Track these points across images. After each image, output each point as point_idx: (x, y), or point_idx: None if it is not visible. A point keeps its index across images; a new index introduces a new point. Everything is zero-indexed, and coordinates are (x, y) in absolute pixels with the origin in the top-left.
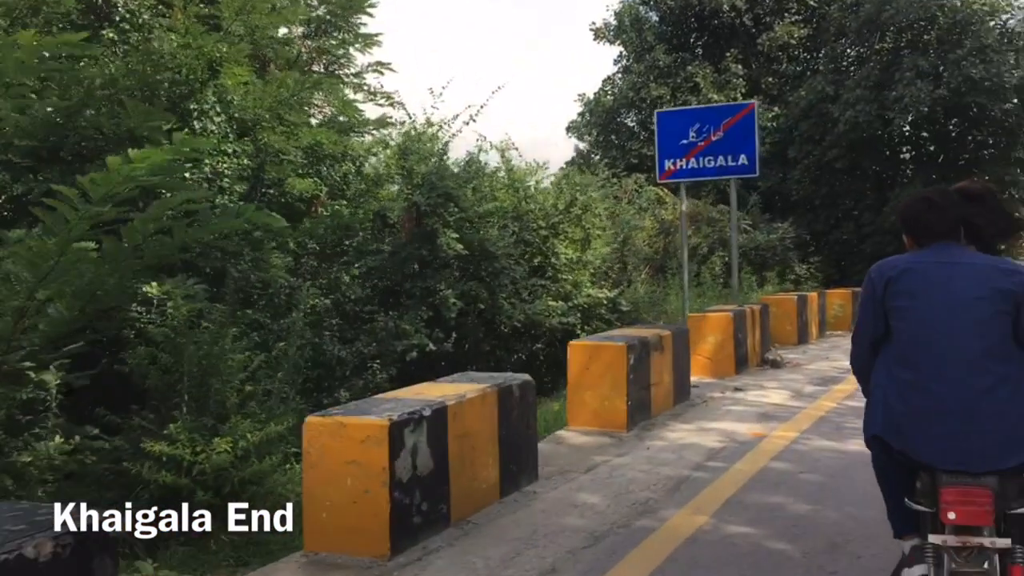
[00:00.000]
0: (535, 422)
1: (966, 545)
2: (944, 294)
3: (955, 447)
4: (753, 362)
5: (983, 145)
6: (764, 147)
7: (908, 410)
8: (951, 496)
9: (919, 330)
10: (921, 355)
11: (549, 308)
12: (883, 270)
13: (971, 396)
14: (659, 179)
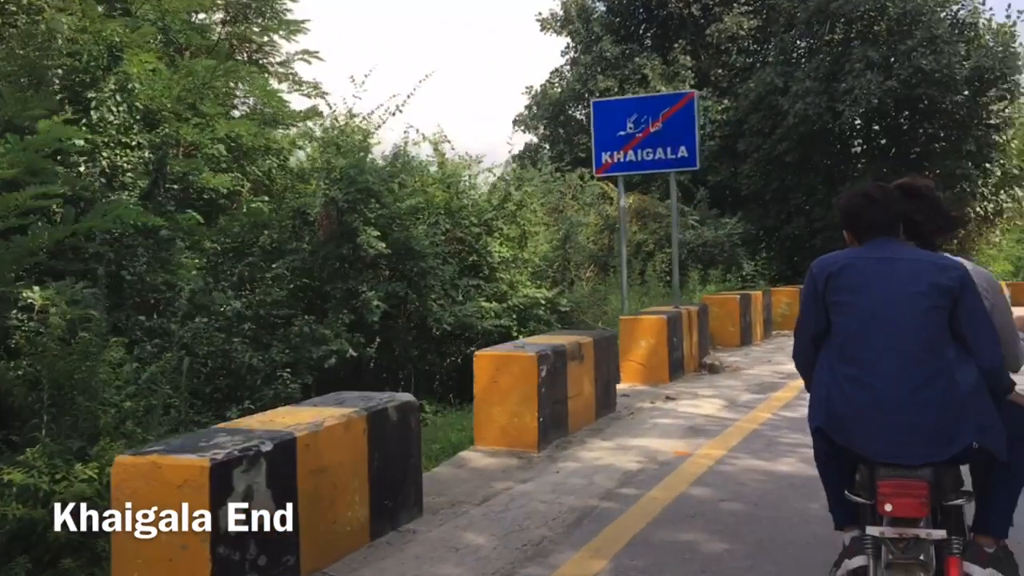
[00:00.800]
0: (418, 448)
1: (903, 536)
2: (883, 289)
3: (892, 440)
4: (690, 367)
5: (934, 138)
6: (714, 141)
7: (848, 404)
8: (888, 488)
9: (859, 325)
10: (861, 349)
11: (482, 309)
12: (824, 265)
13: (908, 390)
14: (596, 173)
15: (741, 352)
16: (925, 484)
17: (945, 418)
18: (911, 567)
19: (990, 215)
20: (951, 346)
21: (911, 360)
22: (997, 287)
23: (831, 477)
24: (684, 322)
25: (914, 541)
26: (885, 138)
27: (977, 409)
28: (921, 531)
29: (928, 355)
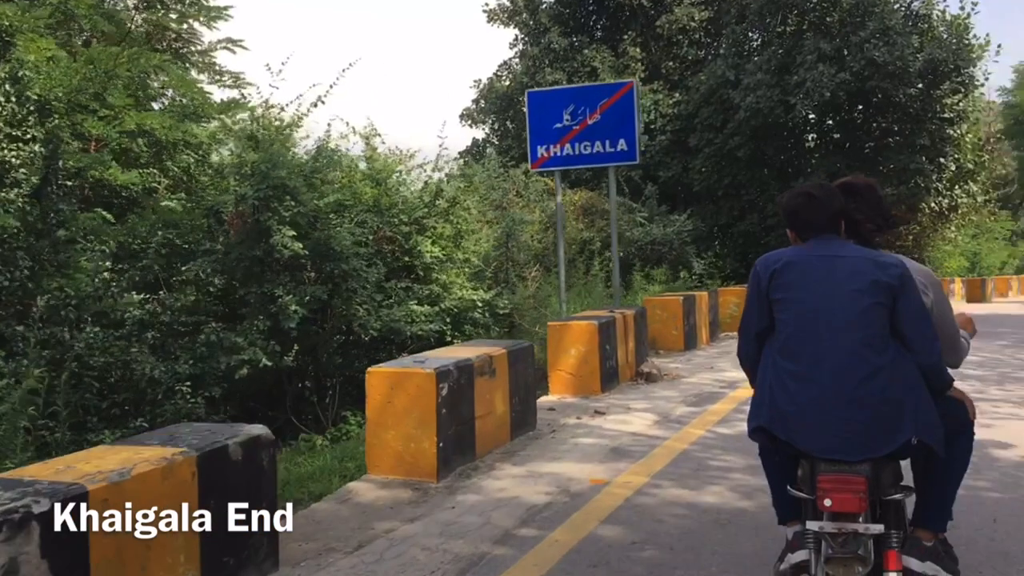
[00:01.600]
0: (273, 491)
1: (841, 531)
2: (825, 287)
3: (832, 436)
4: (626, 376)
5: (888, 132)
6: (665, 136)
7: (790, 400)
8: (827, 483)
9: (801, 322)
10: (803, 346)
11: (412, 313)
12: (767, 263)
13: (849, 386)
14: (531, 167)
15: (684, 357)
16: (863, 479)
17: (884, 414)
18: (849, 561)
19: (945, 210)
20: (891, 343)
21: (851, 357)
22: (937, 284)
23: (774, 473)
24: (619, 327)
25: (853, 535)
26: (839, 132)
27: (916, 405)
28: (859, 526)
29: (868, 352)
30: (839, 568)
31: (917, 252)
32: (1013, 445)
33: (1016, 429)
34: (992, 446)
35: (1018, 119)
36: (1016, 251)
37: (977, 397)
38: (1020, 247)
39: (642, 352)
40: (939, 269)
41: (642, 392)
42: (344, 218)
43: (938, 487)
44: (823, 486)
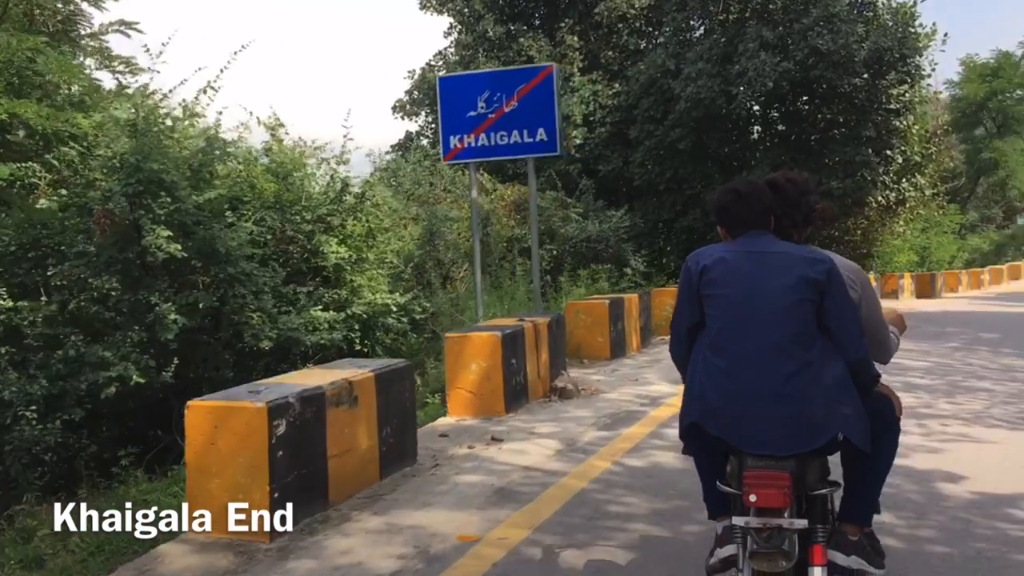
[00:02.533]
0: None
1: (767, 526)
2: (753, 283)
3: (760, 431)
4: (538, 392)
5: (833, 124)
6: (604, 128)
7: (720, 395)
8: (752, 479)
9: (730, 318)
10: (732, 342)
11: (314, 320)
12: (698, 259)
13: (776, 382)
14: (443, 159)
15: (609, 367)
16: (788, 475)
17: (811, 410)
18: (773, 556)
19: (892, 204)
20: (819, 339)
21: (779, 353)
22: (865, 280)
23: (705, 468)
24: (528, 338)
25: (777, 530)
26: (784, 124)
27: (843, 401)
28: (784, 521)
29: (796, 348)
30: (763, 562)
31: (865, 247)
32: (964, 477)
33: (968, 455)
34: (940, 478)
35: (965, 112)
36: (965, 244)
37: (925, 413)
38: (969, 240)
39: (558, 364)
40: (888, 264)
41: (552, 412)
42: (242, 216)
43: (864, 482)
44: (749, 482)
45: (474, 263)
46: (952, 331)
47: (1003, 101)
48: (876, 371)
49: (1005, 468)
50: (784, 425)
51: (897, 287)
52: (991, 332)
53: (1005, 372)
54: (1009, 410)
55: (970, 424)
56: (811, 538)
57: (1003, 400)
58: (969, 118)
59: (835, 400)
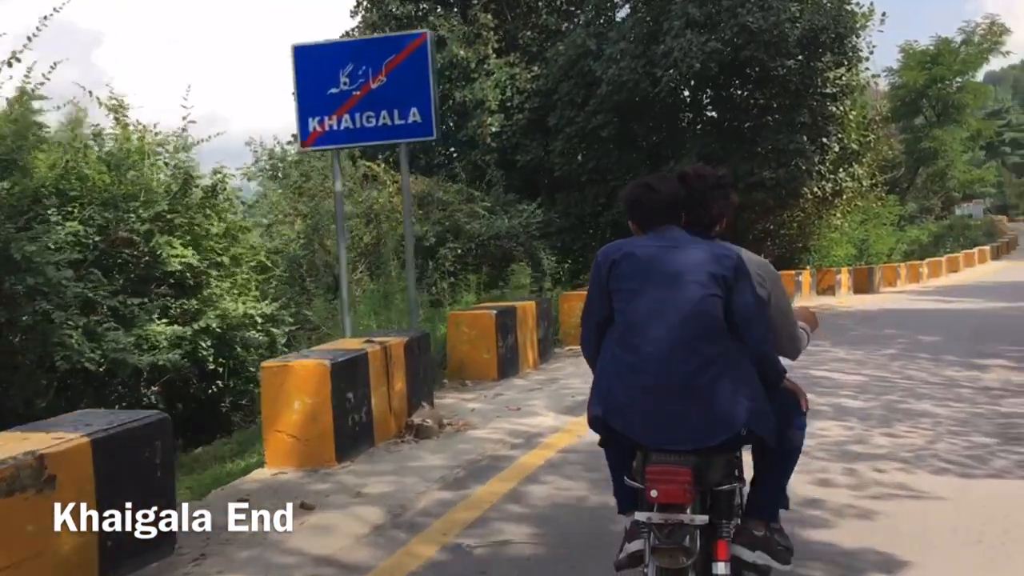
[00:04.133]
0: None
1: (668, 522)
2: (661, 278)
3: (664, 427)
4: (389, 431)
5: (767, 110)
6: (522, 114)
7: (626, 391)
8: (654, 474)
9: (637, 313)
10: (639, 337)
11: (151, 336)
12: (608, 253)
13: (681, 377)
14: (301, 146)
15: (493, 391)
16: (689, 471)
17: (715, 406)
18: (674, 552)
19: (829, 196)
20: (725, 334)
21: (684, 348)
22: (774, 277)
23: (613, 463)
24: (374, 365)
25: (678, 526)
26: (715, 110)
27: (748, 397)
28: (685, 517)
29: (702, 343)
30: (664, 558)
31: (801, 240)
32: (908, 563)
33: (911, 523)
34: (872, 567)
35: (904, 100)
36: (904, 236)
37: (857, 452)
38: (908, 232)
39: (419, 394)
40: (826, 258)
41: (398, 459)
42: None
43: (769, 478)
44: (650, 477)
45: (341, 271)
46: (890, 333)
47: (942, 89)
48: (782, 367)
49: (957, 546)
50: (687, 421)
51: (834, 282)
52: (931, 334)
53: (948, 388)
54: (956, 445)
55: (912, 468)
56: (716, 533)
57: (949, 430)
58: (908, 106)
59: (740, 396)
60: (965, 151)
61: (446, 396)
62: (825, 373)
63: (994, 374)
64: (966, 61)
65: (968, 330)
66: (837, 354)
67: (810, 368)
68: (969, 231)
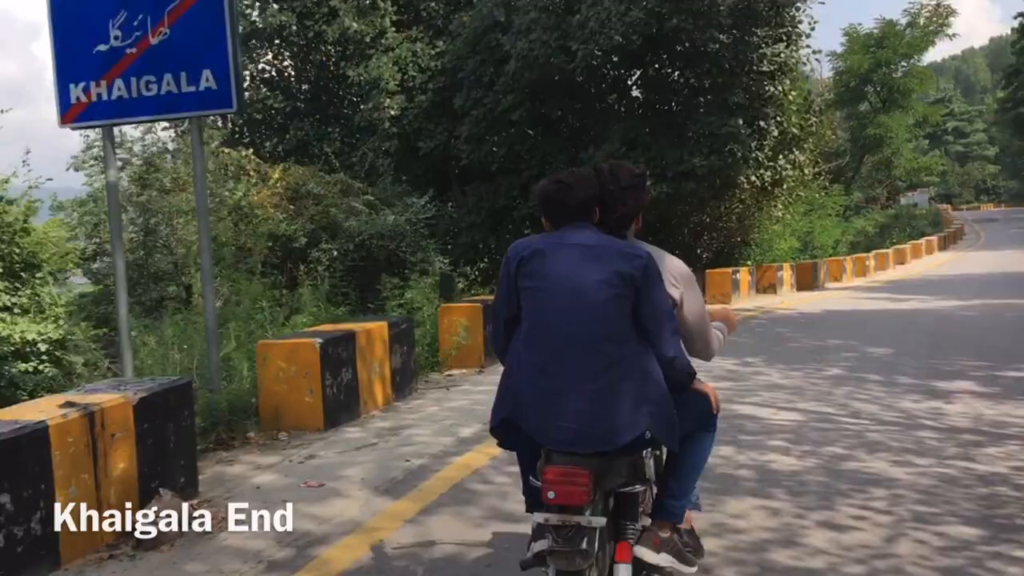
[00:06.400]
0: None
1: (566, 523)
2: (569, 276)
3: (565, 428)
4: (92, 542)
5: (698, 90)
6: (426, 95)
7: (531, 390)
8: (551, 476)
9: (543, 312)
10: (544, 337)
11: None
12: (517, 249)
13: (585, 378)
14: (61, 121)
15: (307, 450)
16: (587, 472)
17: (618, 408)
18: (570, 554)
19: (768, 185)
20: (632, 335)
21: (589, 349)
22: (688, 278)
23: (521, 463)
24: (61, 445)
25: (576, 528)
26: (641, 90)
27: (652, 399)
28: (582, 519)
29: (607, 344)
30: (561, 560)
31: (741, 234)
32: None
33: None
34: None
35: (849, 86)
36: (849, 227)
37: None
38: (854, 223)
39: (166, 472)
40: (768, 252)
41: None
42: None
43: (675, 480)
44: (548, 479)
45: (117, 290)
46: (834, 344)
47: (887, 73)
48: (692, 368)
49: None
50: (589, 422)
51: (775, 280)
52: (882, 345)
53: (906, 430)
54: (926, 547)
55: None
56: (619, 535)
57: (913, 512)
58: (853, 92)
59: (644, 399)
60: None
61: (237, 460)
62: (753, 409)
63: (960, 405)
64: (912, 44)
65: (923, 339)
66: (770, 377)
67: (736, 401)
68: (915, 221)
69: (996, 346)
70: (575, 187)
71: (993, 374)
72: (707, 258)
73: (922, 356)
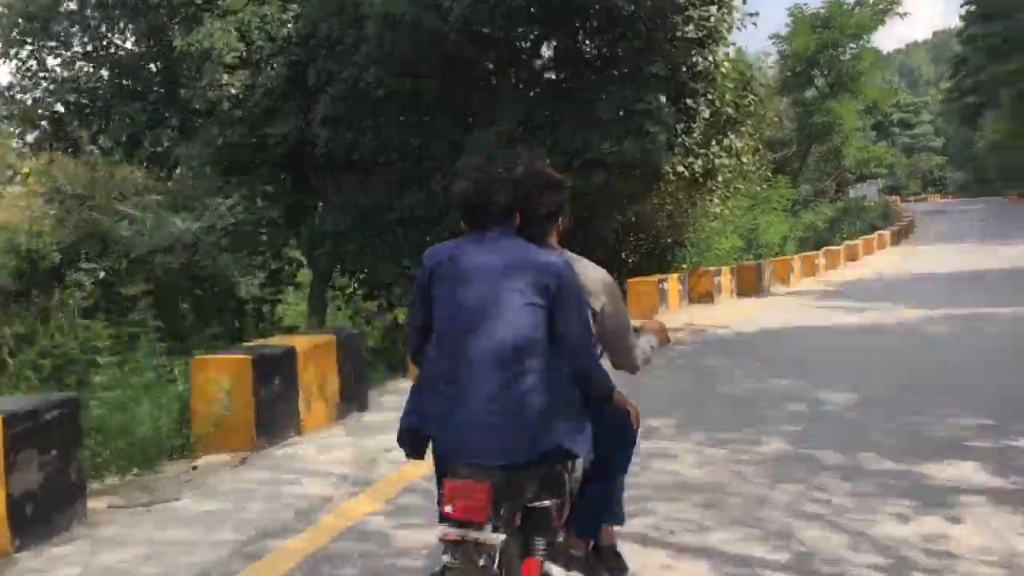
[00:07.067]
0: None
1: (463, 539)
2: (482, 284)
3: (471, 440)
4: None
5: (610, 60)
6: (276, 70)
7: (437, 401)
8: (449, 489)
9: (454, 321)
10: (454, 347)
11: None
12: (432, 255)
13: (491, 390)
14: None
15: None
16: (485, 487)
17: (527, 421)
18: (467, 570)
19: (699, 175)
20: (546, 347)
21: (500, 360)
22: (609, 287)
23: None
24: None
25: (473, 544)
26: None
27: (565, 413)
28: (480, 535)
29: (519, 355)
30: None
31: (672, 233)
32: None
33: None
34: None
35: (795, 70)
36: (798, 222)
37: None
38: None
39: None
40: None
41: None
42: None
43: (591, 495)
44: (446, 492)
45: None
46: (777, 388)
47: (835, 55)
48: (610, 383)
49: None
50: (495, 436)
51: (712, 286)
52: (839, 387)
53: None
54: None
55: None
56: (527, 552)
57: None
58: (799, 77)
59: (556, 412)
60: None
61: None
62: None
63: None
64: (860, 24)
65: (891, 376)
66: (679, 463)
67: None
68: (864, 213)
69: (991, 385)
70: (493, 188)
71: (1004, 443)
72: (633, 263)
73: (895, 409)
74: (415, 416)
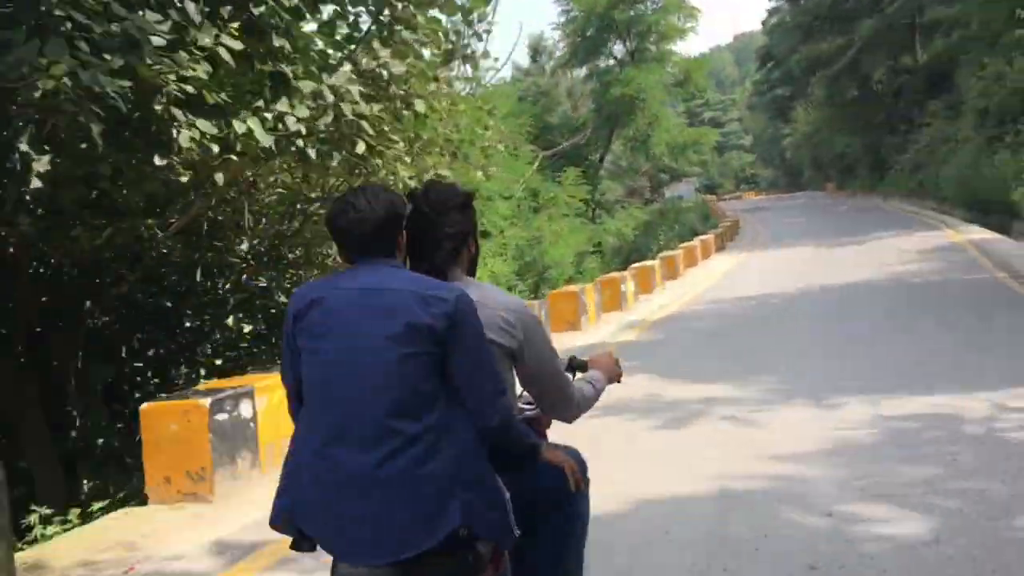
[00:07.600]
0: None
1: None
2: (352, 333)
3: (346, 534)
4: None
5: None
6: None
7: (311, 483)
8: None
9: (322, 380)
10: (323, 412)
11: None
12: (299, 297)
13: (370, 468)
14: None
15: None
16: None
17: (415, 504)
18: None
19: None
20: (439, 403)
21: (375, 427)
22: (528, 321)
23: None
24: None
25: None
26: None
27: (467, 484)
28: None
29: (399, 420)
30: None
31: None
32: None
33: None
34: None
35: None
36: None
37: None
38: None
39: None
40: None
41: None
42: None
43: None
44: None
45: None
46: None
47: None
48: (533, 439)
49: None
50: (375, 527)
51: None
52: None
53: None
54: None
55: None
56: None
57: None
58: (591, 42)
59: (455, 483)
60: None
61: None
62: None
63: None
64: None
65: None
66: None
67: None
68: (683, 216)
69: None
70: (367, 210)
71: None
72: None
73: None
74: (287, 503)
